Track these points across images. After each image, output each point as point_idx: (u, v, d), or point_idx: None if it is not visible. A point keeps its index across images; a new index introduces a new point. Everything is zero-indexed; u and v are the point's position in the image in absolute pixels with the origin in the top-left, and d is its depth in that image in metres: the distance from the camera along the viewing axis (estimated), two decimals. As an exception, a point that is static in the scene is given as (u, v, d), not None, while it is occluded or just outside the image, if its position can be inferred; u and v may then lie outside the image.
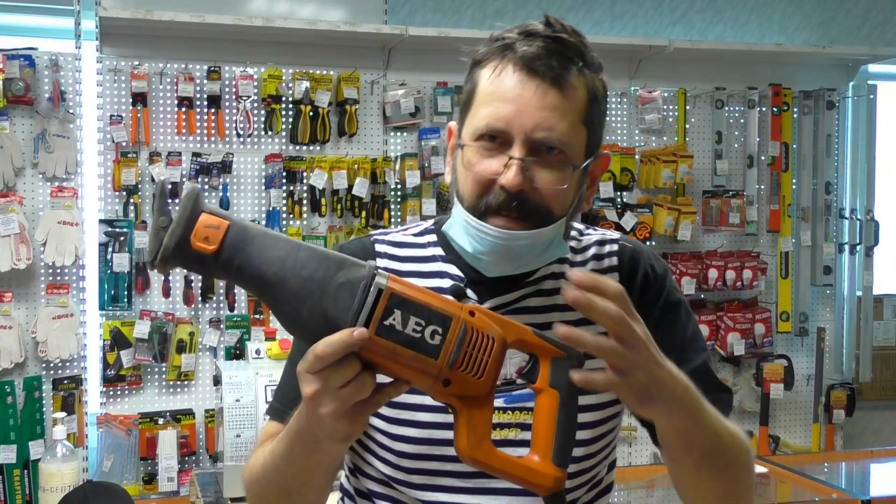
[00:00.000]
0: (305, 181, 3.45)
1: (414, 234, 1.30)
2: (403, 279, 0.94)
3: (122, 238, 3.24)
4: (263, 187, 3.44)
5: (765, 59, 3.97)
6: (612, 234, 1.30)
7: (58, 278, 3.22)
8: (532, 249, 1.16)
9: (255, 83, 3.39)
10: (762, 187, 4.01)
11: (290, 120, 3.46)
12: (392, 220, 3.53)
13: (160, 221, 0.91)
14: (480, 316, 0.95)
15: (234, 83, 3.37)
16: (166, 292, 3.32)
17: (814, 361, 4.05)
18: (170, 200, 0.98)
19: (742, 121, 4.02)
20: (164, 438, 3.20)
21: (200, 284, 3.35)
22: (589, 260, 1.26)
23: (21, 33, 3.41)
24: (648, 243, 3.71)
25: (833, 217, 4.09)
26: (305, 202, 3.47)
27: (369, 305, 0.91)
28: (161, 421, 3.25)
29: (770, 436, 3.91)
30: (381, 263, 1.25)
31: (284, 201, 3.43)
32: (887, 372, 4.34)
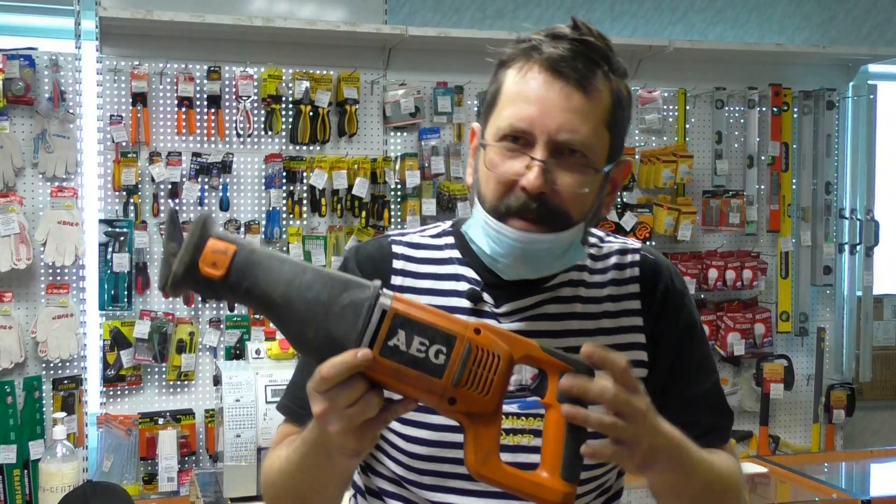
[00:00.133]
0: (305, 181, 3.45)
1: (431, 236, 1.30)
2: (408, 298, 0.95)
3: (122, 238, 3.24)
4: (263, 187, 3.44)
5: (765, 59, 3.97)
6: (634, 244, 1.29)
7: (58, 278, 3.22)
8: (550, 253, 1.15)
9: (255, 83, 3.39)
10: (762, 187, 4.01)
11: (290, 120, 3.46)
12: (392, 221, 3.52)
13: (170, 248, 0.93)
14: (486, 333, 0.95)
15: (234, 83, 3.37)
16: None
17: (814, 361, 4.05)
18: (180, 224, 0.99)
19: (742, 121, 4.01)
20: (164, 438, 3.20)
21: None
22: (610, 268, 1.26)
23: (21, 33, 3.41)
24: (648, 243, 3.70)
25: (833, 217, 4.08)
26: (305, 202, 3.47)
27: (373, 326, 0.92)
28: (161, 421, 3.25)
29: (770, 436, 3.90)
30: (398, 265, 1.26)
31: (284, 201, 3.43)
32: (887, 372, 4.34)
